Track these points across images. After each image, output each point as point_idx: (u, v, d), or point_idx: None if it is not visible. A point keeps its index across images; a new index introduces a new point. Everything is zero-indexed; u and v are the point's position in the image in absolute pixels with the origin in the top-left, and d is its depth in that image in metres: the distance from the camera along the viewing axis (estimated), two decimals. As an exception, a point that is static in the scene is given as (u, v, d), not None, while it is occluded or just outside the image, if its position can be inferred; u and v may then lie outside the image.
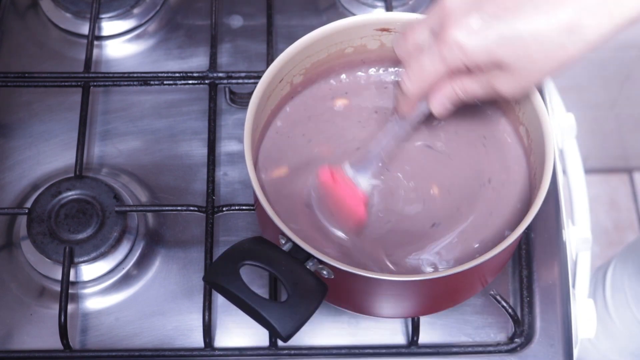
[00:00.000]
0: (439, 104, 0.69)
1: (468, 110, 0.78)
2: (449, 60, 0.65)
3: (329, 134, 0.77)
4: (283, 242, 0.66)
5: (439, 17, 0.65)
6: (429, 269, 0.71)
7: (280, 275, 0.63)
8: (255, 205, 0.79)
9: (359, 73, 0.79)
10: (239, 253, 0.63)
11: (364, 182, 0.73)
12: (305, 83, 0.78)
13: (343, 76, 0.79)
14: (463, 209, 0.74)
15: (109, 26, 0.96)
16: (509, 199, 0.74)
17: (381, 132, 0.74)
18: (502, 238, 0.67)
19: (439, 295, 0.73)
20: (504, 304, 0.79)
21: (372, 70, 0.80)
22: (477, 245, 0.72)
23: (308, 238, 0.72)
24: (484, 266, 0.67)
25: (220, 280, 0.62)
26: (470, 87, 0.67)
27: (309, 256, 0.64)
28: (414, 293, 0.71)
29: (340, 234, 0.72)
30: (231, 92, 0.91)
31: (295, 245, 0.64)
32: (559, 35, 0.62)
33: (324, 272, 0.66)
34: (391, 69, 0.79)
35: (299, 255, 0.64)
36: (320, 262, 0.64)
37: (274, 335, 0.78)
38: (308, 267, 0.64)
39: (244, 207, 0.83)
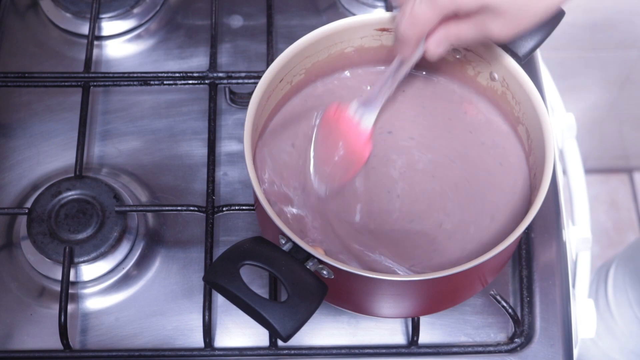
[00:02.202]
0: (433, 45, 0.69)
1: (468, 111, 0.78)
2: (440, 6, 0.64)
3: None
4: (283, 242, 0.66)
5: None
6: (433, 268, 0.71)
7: (280, 275, 0.63)
8: (255, 205, 0.79)
9: (359, 73, 0.79)
10: (239, 253, 0.63)
11: (368, 117, 0.74)
12: (306, 83, 0.78)
13: (343, 76, 0.79)
14: (463, 210, 0.74)
15: (109, 26, 0.96)
16: (508, 199, 0.74)
17: (383, 75, 0.74)
18: (502, 238, 0.67)
19: (439, 295, 0.73)
20: (504, 304, 0.79)
21: (372, 70, 0.80)
22: (477, 246, 0.72)
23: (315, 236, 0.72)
24: (484, 266, 0.67)
25: (220, 280, 0.62)
26: (463, 32, 0.67)
27: (309, 256, 0.64)
28: (414, 293, 0.71)
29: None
30: (231, 92, 0.91)
31: (295, 245, 0.64)
32: None
33: (324, 272, 0.66)
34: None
35: (299, 255, 0.64)
36: (320, 262, 0.64)
37: (274, 335, 0.78)
38: (308, 267, 0.64)
39: (244, 207, 0.83)
